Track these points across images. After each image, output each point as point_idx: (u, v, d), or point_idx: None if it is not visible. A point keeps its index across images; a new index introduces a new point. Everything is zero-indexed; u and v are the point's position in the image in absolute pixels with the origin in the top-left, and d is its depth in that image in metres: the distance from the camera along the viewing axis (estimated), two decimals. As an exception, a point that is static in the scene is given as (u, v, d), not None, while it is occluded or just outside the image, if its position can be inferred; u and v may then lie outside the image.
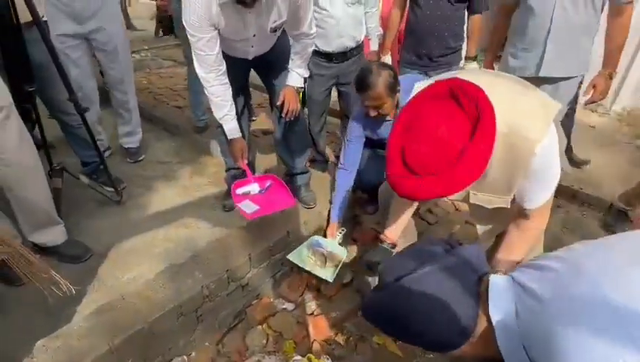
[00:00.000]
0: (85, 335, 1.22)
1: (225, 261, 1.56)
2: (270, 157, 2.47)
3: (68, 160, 2.04)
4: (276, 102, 1.73)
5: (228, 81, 1.53)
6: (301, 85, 1.73)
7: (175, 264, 1.53)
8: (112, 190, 2.02)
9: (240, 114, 1.88)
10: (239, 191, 1.66)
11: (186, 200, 2.09)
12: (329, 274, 1.62)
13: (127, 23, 3.39)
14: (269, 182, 1.72)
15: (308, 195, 1.94)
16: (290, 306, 1.73)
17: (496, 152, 0.90)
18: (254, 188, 1.67)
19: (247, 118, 1.99)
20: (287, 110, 1.69)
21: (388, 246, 1.37)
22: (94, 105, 2.11)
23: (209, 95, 1.53)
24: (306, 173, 2.00)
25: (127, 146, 2.39)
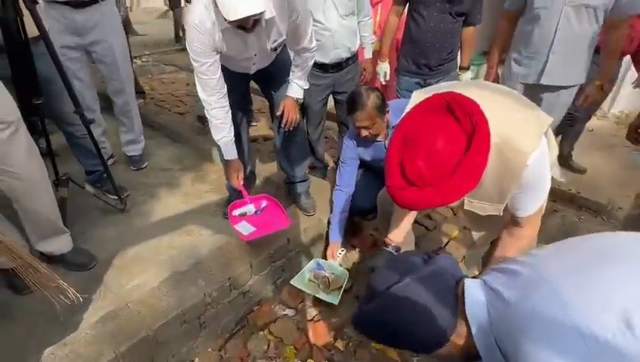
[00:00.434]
0: (92, 342, 1.26)
1: (227, 269, 1.60)
2: (271, 165, 2.51)
3: (72, 168, 2.09)
4: (276, 113, 1.77)
5: (228, 105, 1.57)
6: (301, 96, 1.76)
7: (178, 272, 1.57)
8: (116, 198, 2.07)
9: (240, 122, 1.92)
10: (236, 213, 1.69)
11: (188, 207, 2.13)
12: (334, 298, 1.66)
13: (130, 28, 3.45)
14: (264, 203, 1.75)
15: (308, 203, 1.98)
16: (291, 312, 1.76)
17: (490, 163, 0.93)
18: (250, 208, 1.70)
19: (247, 125, 2.02)
20: (286, 120, 1.73)
21: (392, 249, 1.40)
22: (95, 113, 2.15)
23: (209, 117, 1.57)
24: (306, 180, 2.04)
25: (131, 154, 2.44)
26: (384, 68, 2.31)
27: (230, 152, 1.65)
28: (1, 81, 1.30)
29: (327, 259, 1.84)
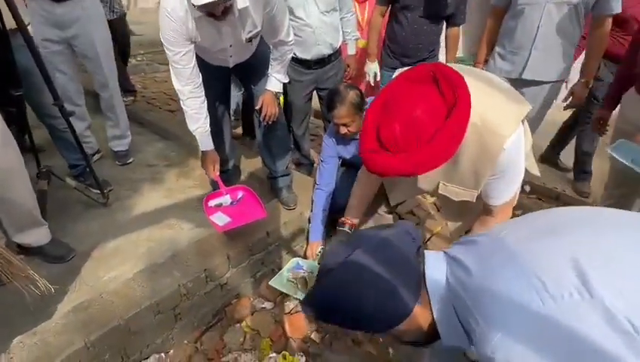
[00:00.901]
0: (62, 331, 1.26)
1: (204, 260, 1.60)
2: (256, 160, 2.51)
3: (57, 163, 2.10)
4: (255, 107, 1.78)
5: (203, 95, 1.57)
6: (280, 90, 1.77)
7: (155, 263, 1.58)
8: (98, 192, 2.07)
9: (221, 117, 1.94)
10: (212, 204, 1.69)
11: (171, 202, 2.13)
12: None
13: (126, 28, 3.46)
14: (241, 194, 1.75)
15: (289, 197, 1.98)
16: (270, 305, 1.77)
17: (468, 144, 0.95)
18: (226, 199, 1.70)
19: (229, 120, 2.03)
20: (265, 114, 1.74)
21: (348, 228, 1.41)
22: (80, 108, 2.16)
23: (184, 107, 1.58)
24: (288, 175, 2.05)
25: (116, 149, 2.44)
26: (373, 68, 2.33)
27: (206, 143, 1.65)
28: None
29: (307, 257, 1.84)
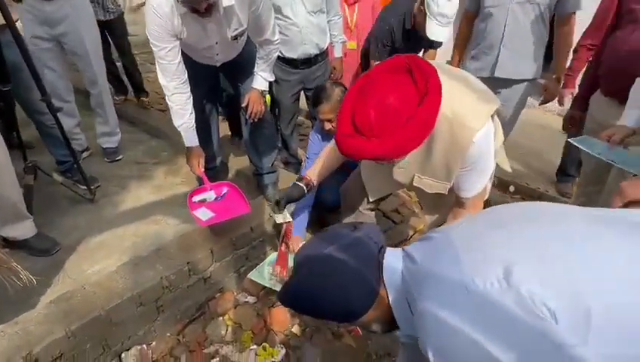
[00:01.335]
0: (43, 321, 1.28)
1: (187, 254, 1.63)
2: (244, 158, 2.54)
3: (45, 159, 2.13)
4: (242, 105, 1.82)
5: (189, 91, 1.60)
6: (266, 88, 1.81)
7: (138, 256, 1.60)
8: (85, 188, 2.10)
9: (209, 114, 1.97)
10: (195, 199, 1.71)
11: (159, 198, 2.16)
12: None
13: (124, 28, 3.45)
14: (225, 189, 1.77)
15: (274, 193, 2.01)
16: (252, 299, 1.79)
17: (440, 136, 1.00)
18: (211, 195, 1.72)
19: (217, 118, 2.07)
20: (250, 112, 1.78)
21: (302, 183, 1.45)
22: (69, 104, 2.18)
23: (170, 103, 1.60)
24: (274, 172, 2.08)
25: (106, 146, 2.47)
26: None
27: (191, 139, 1.68)
28: None
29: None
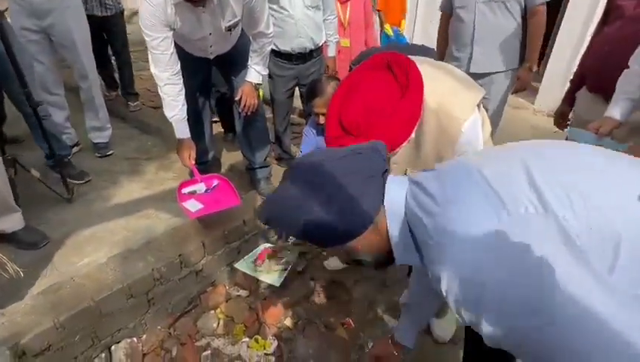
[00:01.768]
0: (30, 312, 1.26)
1: (178, 246, 1.62)
2: (238, 153, 2.54)
3: (37, 154, 2.10)
4: (235, 98, 1.82)
5: (181, 83, 1.59)
6: (260, 82, 1.81)
7: (129, 249, 1.59)
8: (77, 182, 2.09)
9: (201, 108, 1.96)
10: (185, 191, 1.69)
11: (150, 193, 2.14)
12: (276, 279, 1.66)
13: (123, 27, 3.34)
14: (215, 182, 1.76)
15: (267, 188, 2.01)
16: (245, 293, 1.78)
17: (429, 129, 1.01)
18: (201, 187, 1.71)
19: (210, 112, 2.06)
20: (244, 105, 1.78)
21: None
22: (58, 97, 2.16)
23: (162, 94, 1.59)
24: (267, 167, 2.08)
25: (96, 141, 2.44)
26: None
27: (182, 131, 1.67)
28: None
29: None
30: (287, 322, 1.64)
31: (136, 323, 1.52)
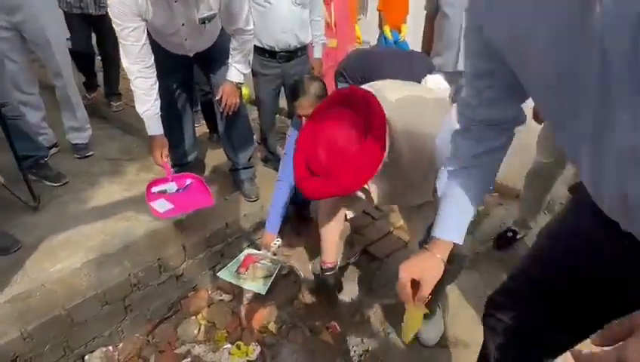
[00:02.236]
0: (-4, 321, 1.20)
1: (157, 250, 1.56)
2: (222, 154, 2.49)
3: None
4: (215, 98, 1.77)
5: (154, 77, 1.53)
6: (241, 81, 1.77)
7: (105, 254, 1.53)
8: (53, 184, 2.01)
9: (182, 107, 1.91)
10: (155, 190, 1.62)
11: (130, 195, 2.07)
12: (262, 287, 1.61)
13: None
14: (188, 181, 1.69)
15: (250, 189, 1.97)
16: (228, 297, 1.74)
17: (404, 150, 1.02)
18: (172, 186, 1.64)
19: (191, 112, 2.01)
20: (224, 104, 1.73)
21: (331, 269, 1.55)
22: (32, 96, 2.08)
23: (132, 87, 1.53)
24: (250, 167, 2.04)
25: (75, 142, 2.36)
26: None
27: (154, 127, 1.60)
28: None
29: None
30: (271, 327, 1.59)
31: (113, 331, 1.46)
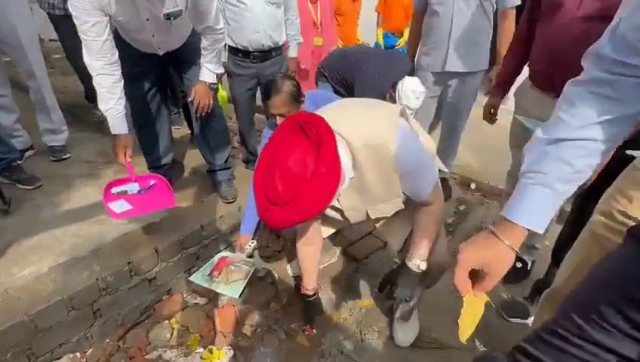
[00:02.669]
0: (-47, 329, 1.16)
1: (127, 254, 1.53)
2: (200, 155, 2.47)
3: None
4: (188, 98, 1.74)
5: (118, 74, 1.49)
6: (213, 81, 1.74)
7: (74, 258, 1.49)
8: (26, 187, 1.98)
9: (156, 109, 1.88)
10: (115, 191, 1.57)
11: (106, 197, 2.04)
12: (235, 291, 1.58)
13: None
14: (152, 182, 1.64)
15: (228, 191, 1.95)
16: (203, 301, 1.71)
17: (365, 165, 1.04)
18: (133, 187, 1.59)
19: (167, 113, 1.97)
20: (197, 105, 1.71)
21: (312, 295, 1.55)
22: (4, 98, 2.04)
23: (95, 84, 1.49)
24: (228, 168, 2.01)
25: (51, 144, 2.32)
26: None
27: (118, 126, 1.56)
28: None
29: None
30: (246, 330, 1.57)
31: (81, 337, 1.43)
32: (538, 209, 0.61)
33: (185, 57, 1.73)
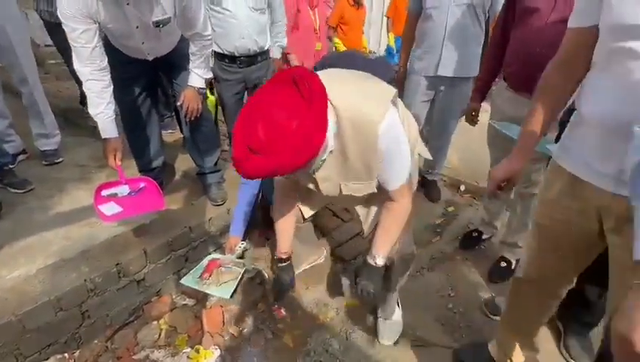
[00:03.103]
0: (-59, 330, 1.18)
1: (116, 255, 1.56)
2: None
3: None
4: (177, 103, 1.78)
5: (107, 79, 1.52)
6: (202, 86, 1.78)
7: (63, 259, 1.52)
8: (18, 191, 2.00)
9: (146, 114, 1.91)
10: (105, 193, 1.59)
11: (97, 201, 2.06)
12: (226, 292, 1.59)
13: None
14: (142, 185, 1.67)
15: (217, 193, 1.97)
16: (192, 302, 1.73)
17: (348, 138, 1.01)
18: (123, 190, 1.62)
19: (157, 118, 2.01)
20: (186, 110, 1.74)
21: (283, 261, 1.45)
22: None
23: (85, 89, 1.52)
24: (217, 171, 2.04)
25: (44, 149, 2.35)
26: None
27: (108, 130, 1.59)
28: None
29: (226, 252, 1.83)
30: (233, 330, 1.59)
31: (69, 338, 1.45)
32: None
33: (175, 62, 1.76)
